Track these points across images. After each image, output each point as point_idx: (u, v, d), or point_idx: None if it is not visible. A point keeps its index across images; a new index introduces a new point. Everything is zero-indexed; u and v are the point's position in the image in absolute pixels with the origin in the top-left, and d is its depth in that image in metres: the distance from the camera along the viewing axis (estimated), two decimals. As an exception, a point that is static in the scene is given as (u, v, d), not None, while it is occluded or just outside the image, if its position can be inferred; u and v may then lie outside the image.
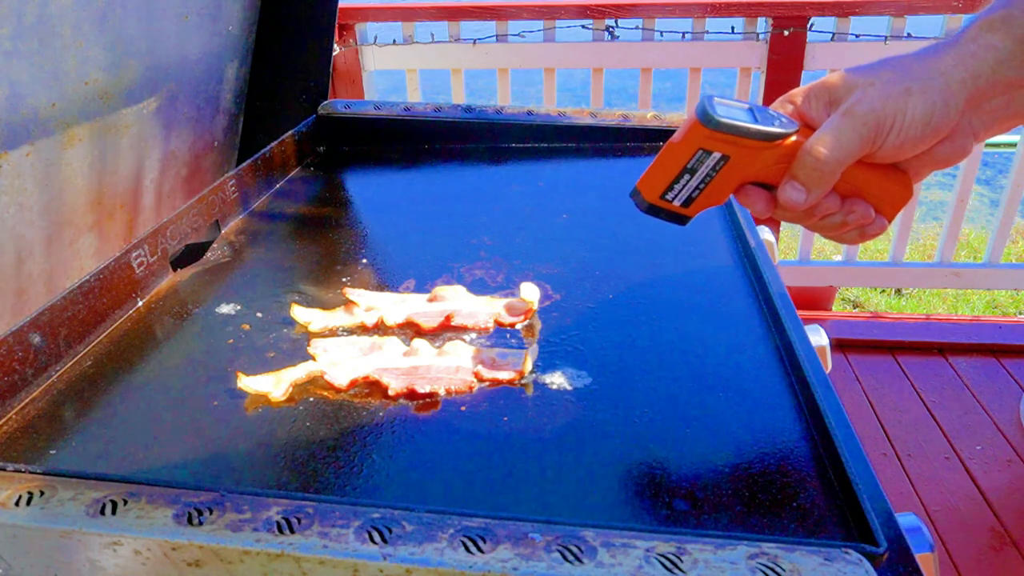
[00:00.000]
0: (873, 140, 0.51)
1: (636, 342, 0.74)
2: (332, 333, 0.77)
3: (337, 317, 0.78)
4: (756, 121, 0.53)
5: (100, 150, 0.96)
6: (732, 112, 0.53)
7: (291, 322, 0.78)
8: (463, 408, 0.65)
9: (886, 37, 2.12)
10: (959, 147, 0.52)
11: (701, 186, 0.56)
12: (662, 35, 2.23)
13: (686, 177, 0.56)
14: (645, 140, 1.21)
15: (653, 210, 0.58)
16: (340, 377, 0.68)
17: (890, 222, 0.57)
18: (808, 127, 0.54)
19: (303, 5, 1.25)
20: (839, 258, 2.60)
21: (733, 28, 2.22)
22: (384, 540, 0.46)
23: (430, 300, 0.80)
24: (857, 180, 0.54)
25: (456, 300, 0.80)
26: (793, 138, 0.53)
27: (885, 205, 0.56)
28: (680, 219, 0.59)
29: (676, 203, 0.58)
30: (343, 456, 0.60)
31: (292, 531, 0.47)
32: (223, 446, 0.62)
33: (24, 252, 0.88)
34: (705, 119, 0.53)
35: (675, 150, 0.55)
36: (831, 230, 0.57)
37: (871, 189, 0.55)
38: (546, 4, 2.21)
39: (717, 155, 0.54)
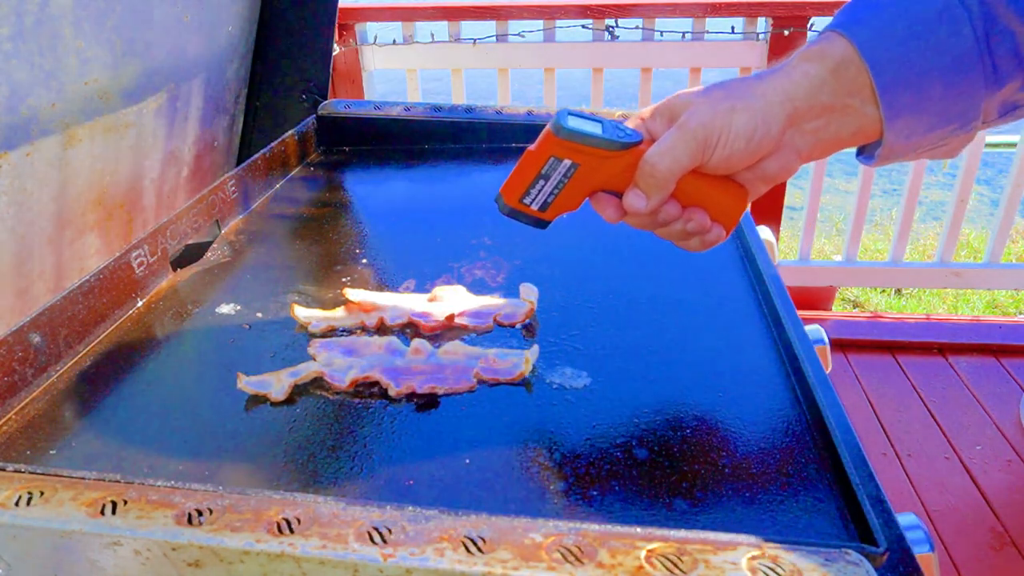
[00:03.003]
0: (702, 152, 0.56)
1: (636, 342, 0.74)
2: (332, 333, 0.77)
3: (337, 317, 0.78)
4: (604, 132, 0.58)
5: (100, 150, 0.96)
6: (582, 124, 0.58)
7: (291, 322, 0.78)
8: (463, 408, 0.65)
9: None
10: (785, 163, 0.57)
11: (555, 191, 0.61)
12: (662, 35, 2.23)
13: (541, 183, 0.60)
14: (645, 140, 1.20)
15: (514, 214, 0.62)
16: (340, 377, 0.68)
17: (728, 232, 0.62)
18: (652, 140, 0.58)
19: (303, 5, 1.25)
20: (839, 258, 2.60)
21: (733, 28, 2.22)
22: (384, 540, 0.46)
23: (430, 300, 0.80)
24: (694, 190, 0.59)
25: (456, 300, 0.80)
26: (637, 149, 0.58)
27: (721, 214, 0.61)
28: (539, 223, 0.63)
29: (534, 207, 0.62)
30: (343, 456, 0.60)
31: (292, 531, 0.47)
32: (223, 446, 0.62)
33: (24, 252, 0.88)
34: (556, 129, 0.58)
35: (531, 157, 0.60)
36: (676, 237, 0.62)
37: (707, 199, 0.60)
38: (546, 4, 2.21)
39: (568, 162, 0.59)
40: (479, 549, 0.45)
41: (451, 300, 0.80)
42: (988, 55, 0.51)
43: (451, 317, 0.77)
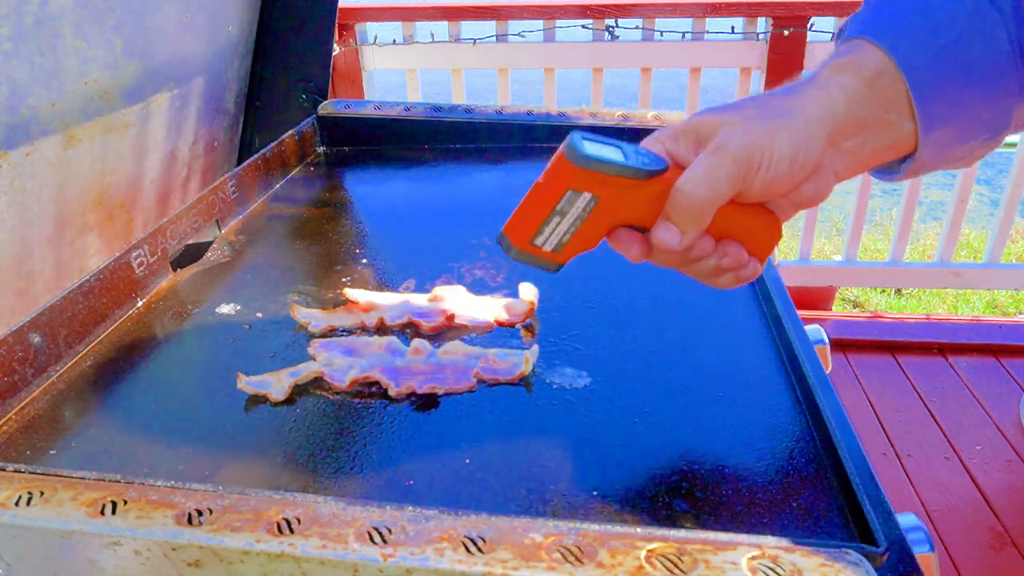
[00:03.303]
0: (743, 177, 0.50)
1: (636, 342, 0.74)
2: (332, 333, 0.77)
3: (337, 317, 0.78)
4: (626, 159, 0.50)
5: (100, 150, 0.96)
6: (600, 149, 0.51)
7: (291, 322, 0.78)
8: (463, 408, 0.65)
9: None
10: (822, 186, 0.52)
11: (572, 229, 0.53)
12: (662, 35, 2.23)
13: (556, 220, 0.52)
14: (645, 140, 1.20)
15: (523, 257, 0.54)
16: (340, 377, 0.68)
17: (762, 265, 0.56)
18: (678, 167, 0.52)
19: (303, 5, 1.25)
20: (839, 258, 2.60)
21: (733, 28, 2.22)
22: (384, 541, 0.46)
23: (430, 300, 0.80)
24: (729, 221, 0.53)
25: (456, 300, 0.80)
26: (664, 177, 0.51)
27: (757, 246, 0.55)
28: (551, 266, 0.55)
29: (547, 248, 0.54)
30: (343, 456, 0.60)
31: (292, 531, 0.47)
32: (223, 446, 0.62)
33: (24, 252, 0.88)
34: (572, 156, 0.50)
35: (543, 191, 0.51)
36: (707, 275, 0.56)
37: (743, 230, 0.54)
38: (546, 4, 2.21)
39: (587, 195, 0.51)
40: (479, 549, 0.45)
41: (451, 300, 0.80)
42: (1021, 60, 0.48)
43: (451, 317, 0.77)
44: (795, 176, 0.51)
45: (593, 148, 0.50)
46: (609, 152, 0.51)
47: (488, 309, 0.78)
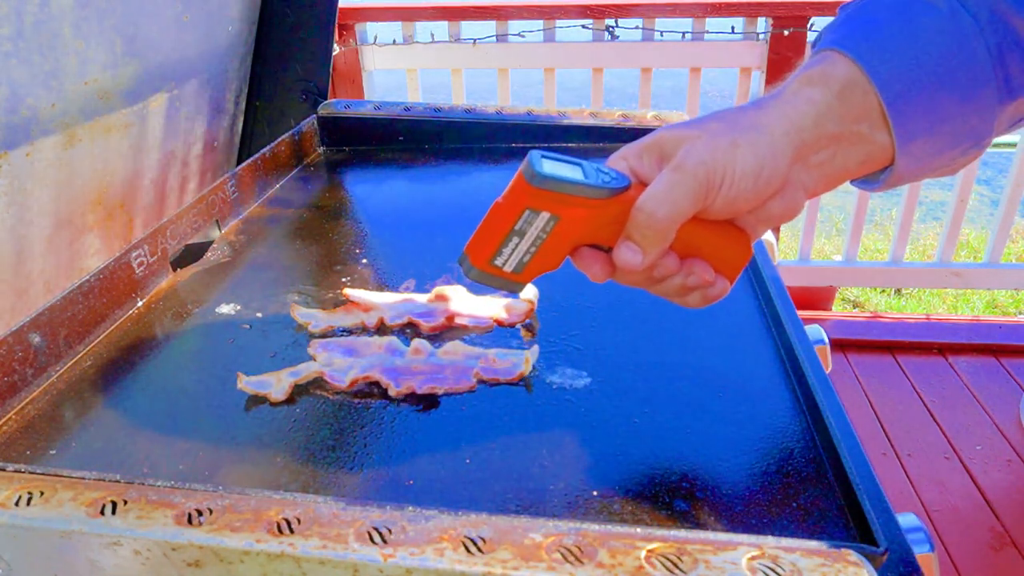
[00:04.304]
0: (705, 194, 0.49)
1: (636, 342, 0.74)
2: (332, 333, 0.77)
3: (337, 317, 0.78)
4: (585, 177, 0.49)
5: (100, 150, 0.96)
6: (559, 168, 0.50)
7: (291, 322, 0.78)
8: (463, 408, 0.65)
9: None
10: (791, 203, 0.51)
11: (532, 249, 0.52)
12: (662, 35, 2.24)
13: (515, 240, 0.51)
14: (645, 140, 1.20)
15: (483, 278, 0.53)
16: (340, 377, 0.68)
17: (732, 283, 0.55)
18: (641, 184, 0.51)
19: (303, 5, 1.25)
20: (839, 258, 2.60)
21: (733, 28, 2.22)
22: (384, 541, 0.46)
23: (430, 300, 0.80)
24: (694, 238, 0.52)
25: (456, 300, 0.80)
26: (626, 195, 0.50)
27: (725, 265, 0.54)
28: (513, 287, 0.54)
29: (507, 269, 0.53)
30: (343, 456, 0.60)
31: (292, 531, 0.47)
32: (223, 446, 0.62)
33: (24, 252, 0.88)
34: (529, 175, 0.49)
35: (501, 211, 0.51)
36: (673, 294, 0.55)
37: (709, 248, 0.53)
38: (546, 4, 2.21)
39: (546, 215, 0.50)
40: (479, 549, 0.45)
41: (451, 300, 0.80)
42: (1001, 67, 0.47)
43: (451, 317, 0.77)
44: (760, 192, 0.49)
45: (551, 167, 0.49)
46: (567, 171, 0.50)
47: (488, 309, 0.78)
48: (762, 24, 2.19)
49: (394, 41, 2.29)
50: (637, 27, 2.25)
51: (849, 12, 0.52)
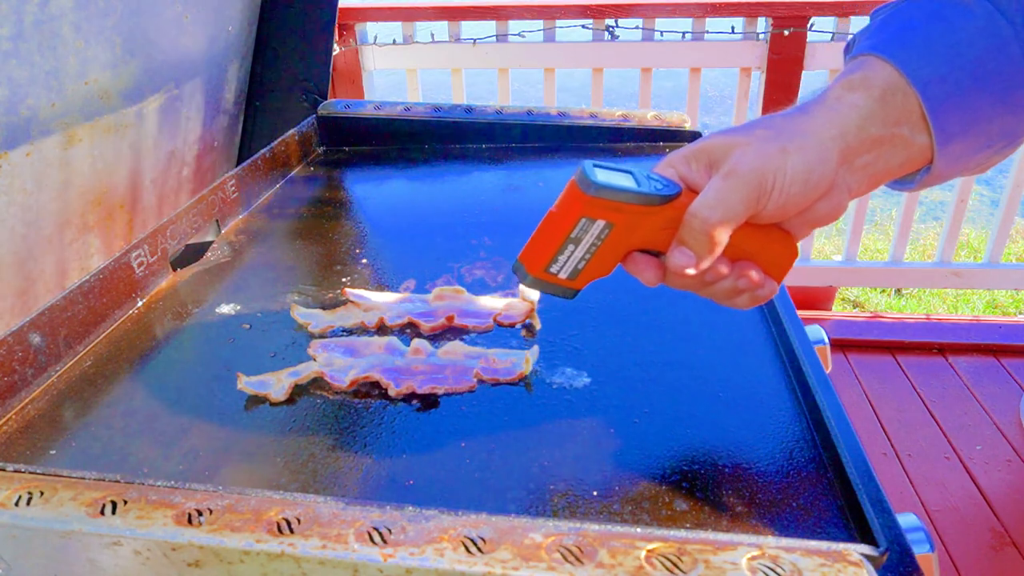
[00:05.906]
0: (757, 199, 0.50)
1: (636, 342, 0.74)
2: (332, 333, 0.77)
3: (337, 317, 0.78)
4: (638, 185, 0.51)
5: (100, 150, 0.96)
6: (612, 177, 0.51)
7: (291, 322, 0.78)
8: (463, 408, 0.65)
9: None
10: (836, 204, 0.52)
11: (587, 256, 0.54)
12: (662, 35, 2.23)
13: (570, 248, 0.53)
14: (645, 140, 1.21)
15: (539, 284, 0.55)
16: (340, 377, 0.68)
17: (779, 284, 0.57)
18: (692, 191, 0.53)
19: (303, 5, 1.26)
20: (839, 258, 2.60)
21: (733, 28, 2.22)
22: (384, 541, 0.46)
23: (430, 300, 0.80)
24: (744, 242, 0.53)
25: (456, 300, 0.80)
26: (677, 202, 0.52)
27: (773, 267, 0.55)
28: (567, 292, 0.56)
29: (562, 276, 0.55)
30: (343, 456, 0.60)
31: (292, 531, 0.47)
32: (223, 446, 0.62)
33: (24, 252, 0.88)
34: (585, 185, 0.50)
35: (556, 220, 0.53)
36: (723, 296, 0.56)
37: (759, 251, 0.54)
38: (546, 4, 2.21)
39: (601, 223, 0.52)
40: (479, 549, 0.45)
41: (451, 300, 0.80)
42: None
43: (451, 317, 0.77)
44: (809, 196, 0.51)
45: (605, 176, 0.51)
46: (621, 179, 0.51)
47: (488, 309, 0.78)
48: (762, 24, 2.19)
49: (394, 41, 2.29)
50: (637, 27, 2.25)
51: (884, 18, 0.53)
